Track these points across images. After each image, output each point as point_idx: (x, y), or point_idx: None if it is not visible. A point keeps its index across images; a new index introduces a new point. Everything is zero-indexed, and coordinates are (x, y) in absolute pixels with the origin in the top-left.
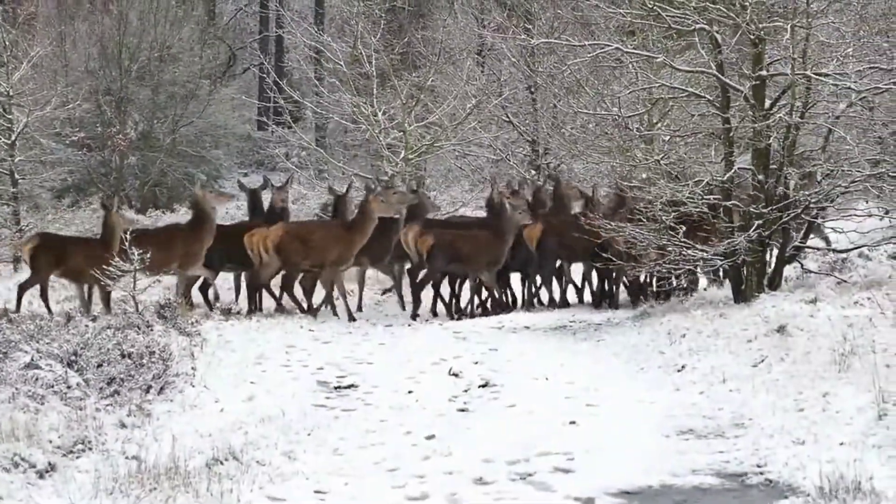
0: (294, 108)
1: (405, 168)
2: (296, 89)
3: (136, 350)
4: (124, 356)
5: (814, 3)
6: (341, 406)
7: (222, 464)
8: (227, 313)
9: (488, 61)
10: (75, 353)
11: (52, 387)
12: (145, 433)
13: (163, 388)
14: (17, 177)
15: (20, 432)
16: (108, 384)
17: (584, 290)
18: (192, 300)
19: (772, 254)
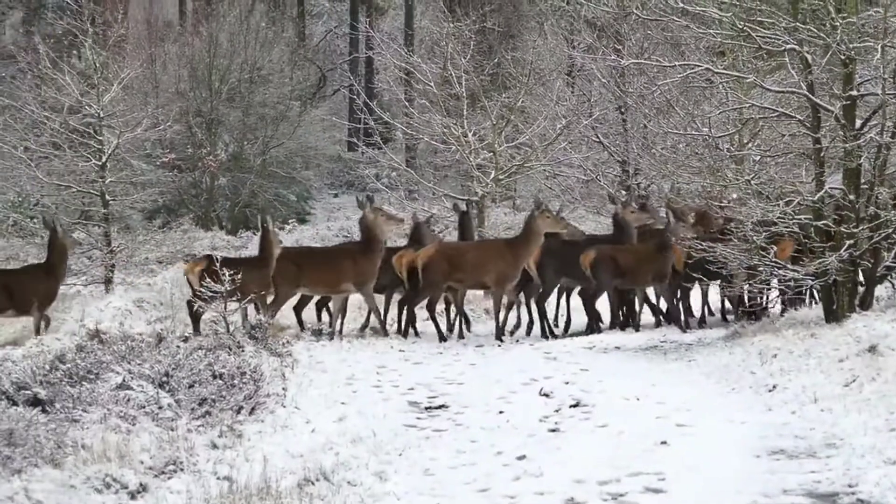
0: (384, 129)
1: (495, 188)
2: (386, 110)
3: (228, 371)
4: (216, 377)
5: None
6: (432, 426)
7: (313, 484)
8: (317, 334)
9: (578, 82)
10: (167, 374)
11: (144, 407)
12: (237, 454)
13: (254, 409)
14: (107, 198)
15: (112, 453)
16: (200, 405)
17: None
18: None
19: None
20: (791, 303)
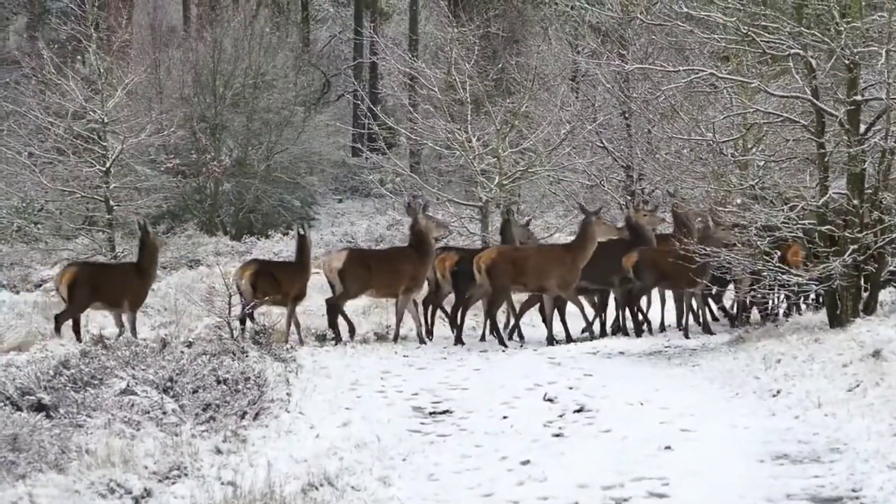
0: (388, 135)
1: (499, 194)
2: (390, 115)
3: (232, 376)
4: (220, 382)
5: None
6: (436, 431)
7: (317, 489)
8: (321, 339)
9: (582, 87)
10: (171, 380)
11: (148, 413)
12: (241, 459)
13: (258, 414)
14: (112, 203)
15: (116, 458)
16: (204, 410)
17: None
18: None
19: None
20: (795, 307)
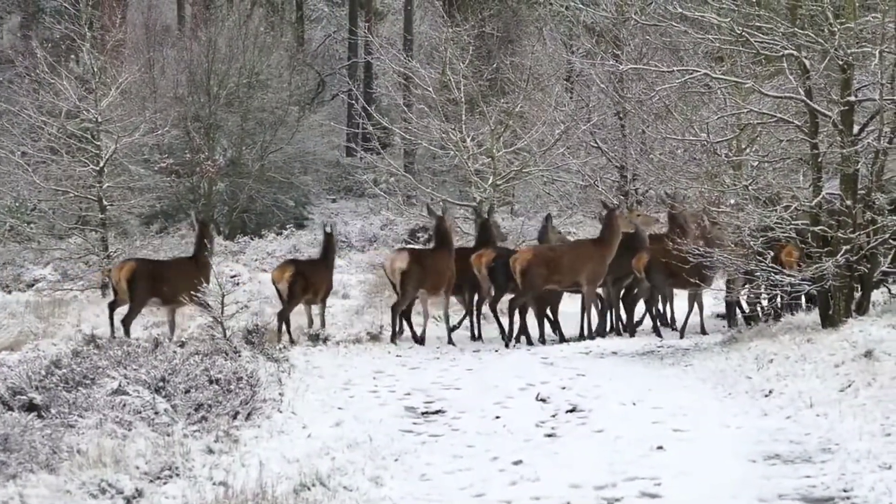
0: (382, 135)
1: (493, 194)
2: (384, 115)
3: (224, 376)
4: (212, 382)
5: None
6: (428, 431)
7: (310, 489)
8: (314, 339)
9: (577, 87)
10: (163, 379)
11: (140, 413)
12: (232, 459)
13: (250, 414)
14: (105, 203)
15: (107, 458)
16: (196, 410)
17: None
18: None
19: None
20: (789, 307)
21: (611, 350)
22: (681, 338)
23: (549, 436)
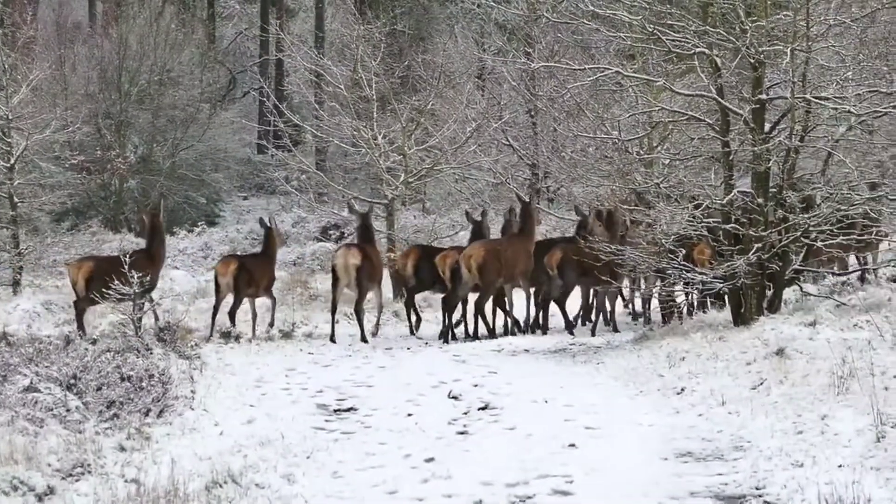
0: (294, 132)
1: (405, 191)
2: (296, 113)
3: (136, 373)
4: (124, 379)
5: (814, 27)
6: (341, 429)
7: (221, 487)
8: (226, 336)
9: (488, 85)
10: (75, 377)
11: (52, 410)
12: (144, 456)
13: (162, 412)
14: (16, 200)
15: (19, 455)
16: (108, 407)
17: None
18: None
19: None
20: (701, 305)
21: (523, 348)
22: (592, 335)
23: (462, 433)
